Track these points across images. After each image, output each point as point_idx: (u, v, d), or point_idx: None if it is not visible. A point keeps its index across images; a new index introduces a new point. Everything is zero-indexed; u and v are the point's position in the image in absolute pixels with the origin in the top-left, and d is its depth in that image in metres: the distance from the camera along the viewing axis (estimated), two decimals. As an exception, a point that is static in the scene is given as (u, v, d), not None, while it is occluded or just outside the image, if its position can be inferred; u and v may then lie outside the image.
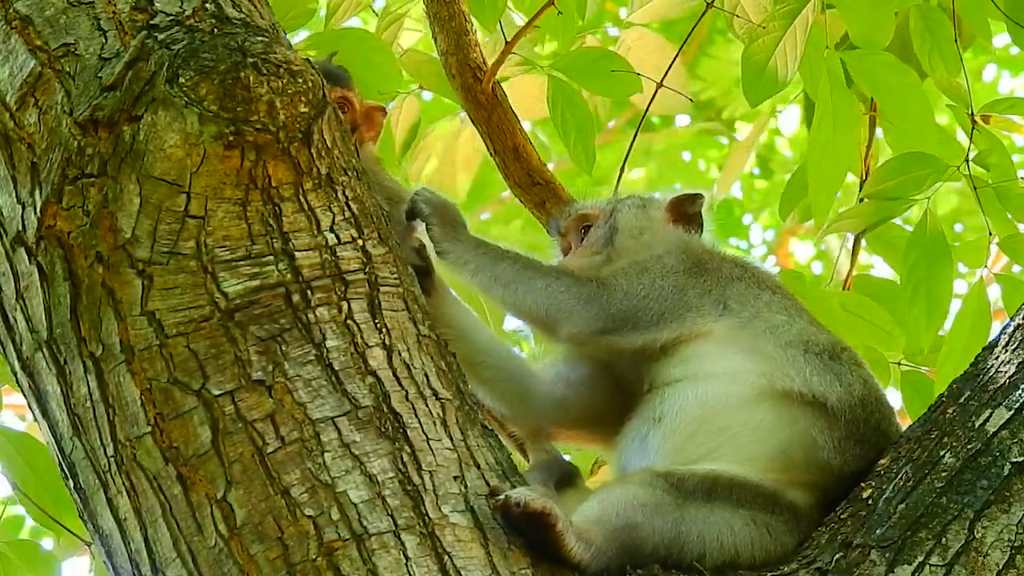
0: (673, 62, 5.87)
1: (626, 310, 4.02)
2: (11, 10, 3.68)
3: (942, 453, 3.64)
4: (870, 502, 3.67)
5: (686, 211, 4.39)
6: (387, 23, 6.26)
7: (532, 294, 4.04)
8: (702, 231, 4.39)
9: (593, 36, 6.23)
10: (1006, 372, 3.70)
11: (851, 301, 5.55)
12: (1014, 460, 3.58)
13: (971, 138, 5.46)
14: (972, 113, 5.51)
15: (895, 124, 5.47)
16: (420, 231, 4.25)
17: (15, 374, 3.71)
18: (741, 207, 12.47)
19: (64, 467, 3.64)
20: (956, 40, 5.49)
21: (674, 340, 4.02)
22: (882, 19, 5.31)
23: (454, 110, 6.52)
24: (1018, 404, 3.64)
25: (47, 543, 5.72)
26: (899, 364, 5.71)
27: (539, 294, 4.04)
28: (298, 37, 6.01)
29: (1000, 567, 3.48)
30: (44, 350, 3.57)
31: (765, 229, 12.71)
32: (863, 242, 5.87)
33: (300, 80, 3.55)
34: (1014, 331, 3.79)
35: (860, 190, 5.72)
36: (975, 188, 5.39)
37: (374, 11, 6.44)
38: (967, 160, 5.41)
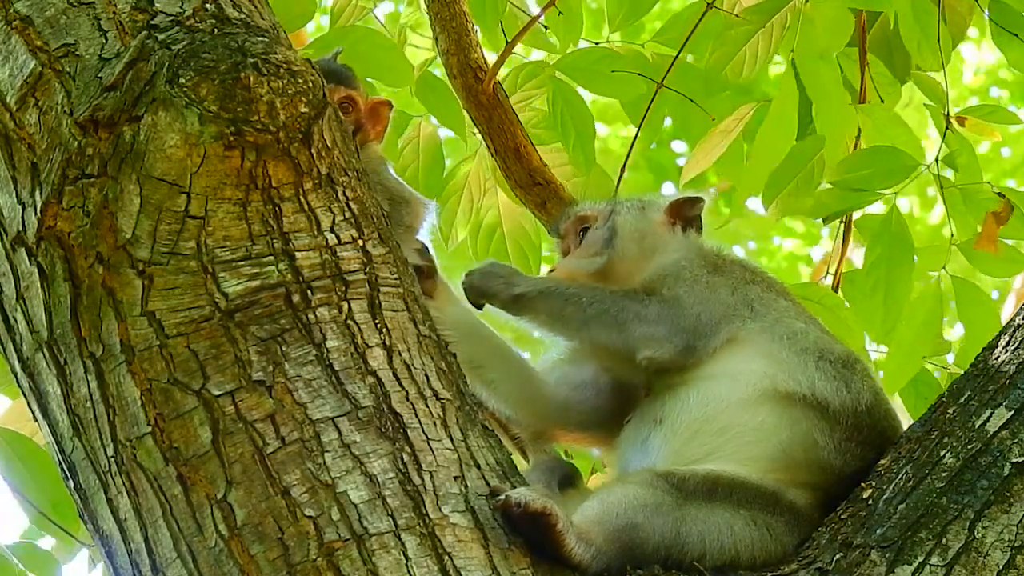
0: (672, 64, 5.86)
1: (691, 320, 4.00)
2: (11, 10, 3.68)
3: (942, 453, 3.64)
4: (870, 502, 3.67)
5: (686, 214, 4.38)
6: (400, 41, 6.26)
7: (604, 331, 4.03)
8: (701, 233, 4.39)
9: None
10: (1006, 372, 3.70)
11: (817, 294, 5.56)
12: (1014, 460, 3.57)
13: (943, 138, 5.49)
14: (947, 114, 5.52)
15: (823, 132, 5.53)
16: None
17: (15, 374, 3.71)
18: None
19: (64, 467, 3.64)
20: (939, 40, 5.52)
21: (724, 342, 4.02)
22: (841, 26, 5.36)
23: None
24: (1018, 404, 3.64)
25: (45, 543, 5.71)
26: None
27: (610, 329, 4.02)
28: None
29: (1000, 567, 3.48)
30: (44, 350, 3.57)
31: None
32: (852, 238, 5.91)
33: (300, 80, 3.55)
34: (1014, 331, 3.79)
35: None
36: (942, 188, 5.42)
37: (378, 18, 6.42)
38: (937, 160, 5.44)
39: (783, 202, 5.72)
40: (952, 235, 5.48)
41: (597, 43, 6.15)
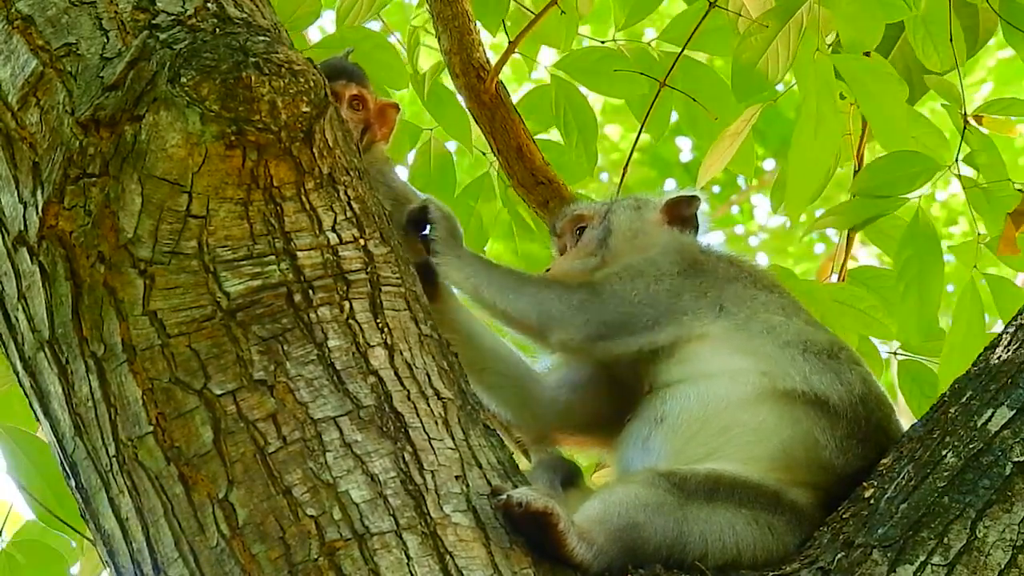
0: (675, 63, 5.86)
1: (620, 316, 4.02)
2: (13, 10, 3.68)
3: (944, 452, 3.64)
4: (872, 501, 3.67)
5: (682, 213, 4.39)
6: (411, 43, 6.26)
7: (522, 301, 4.03)
8: (698, 232, 4.39)
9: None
10: (1008, 371, 3.70)
11: (841, 293, 5.56)
12: (1016, 459, 3.57)
13: (963, 137, 5.48)
14: (964, 113, 5.52)
15: (877, 130, 5.50)
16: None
17: (17, 374, 3.71)
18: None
19: (66, 467, 3.64)
20: (951, 39, 5.51)
21: (671, 343, 4.01)
22: (871, 24, 5.34)
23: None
24: (1020, 403, 3.63)
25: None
26: (895, 354, 5.74)
27: (529, 301, 4.03)
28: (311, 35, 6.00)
29: (1002, 567, 3.48)
30: (46, 350, 3.57)
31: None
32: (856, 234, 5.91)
33: (302, 80, 3.55)
34: (1016, 330, 3.79)
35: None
36: (964, 188, 5.41)
37: (381, 19, 6.43)
38: (957, 160, 5.44)
39: (808, 217, 5.72)
40: (978, 233, 5.48)
41: (604, 42, 6.15)
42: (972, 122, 5.50)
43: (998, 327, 5.47)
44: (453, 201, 6.27)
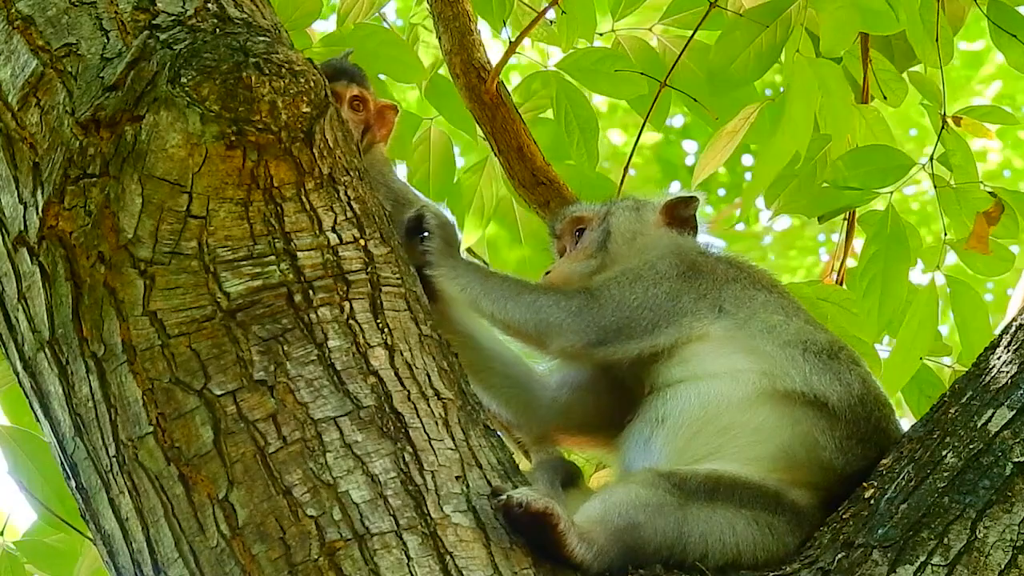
0: (677, 60, 5.85)
1: (619, 320, 4.01)
2: (13, 10, 3.68)
3: (944, 453, 3.64)
4: (872, 502, 3.67)
5: (680, 214, 4.39)
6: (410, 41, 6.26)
7: (520, 310, 4.02)
8: (696, 233, 4.39)
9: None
10: (1008, 372, 3.70)
11: (826, 292, 5.56)
12: (1016, 460, 3.57)
13: (939, 137, 5.49)
14: (944, 113, 5.53)
15: (827, 127, 5.53)
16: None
17: (17, 374, 3.71)
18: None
19: (66, 467, 3.64)
20: (937, 39, 5.52)
21: (671, 345, 4.01)
22: (847, 31, 5.36)
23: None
24: (1020, 404, 3.63)
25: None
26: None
27: (527, 309, 4.01)
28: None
29: (1002, 567, 3.48)
30: (46, 350, 3.58)
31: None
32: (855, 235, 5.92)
33: (302, 80, 3.55)
34: (1016, 331, 3.79)
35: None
36: (936, 187, 5.42)
37: (385, 19, 6.43)
38: (931, 159, 5.44)
39: (781, 201, 5.72)
40: (945, 234, 5.49)
41: (602, 33, 6.14)
42: (950, 123, 5.51)
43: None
44: (452, 187, 6.26)
